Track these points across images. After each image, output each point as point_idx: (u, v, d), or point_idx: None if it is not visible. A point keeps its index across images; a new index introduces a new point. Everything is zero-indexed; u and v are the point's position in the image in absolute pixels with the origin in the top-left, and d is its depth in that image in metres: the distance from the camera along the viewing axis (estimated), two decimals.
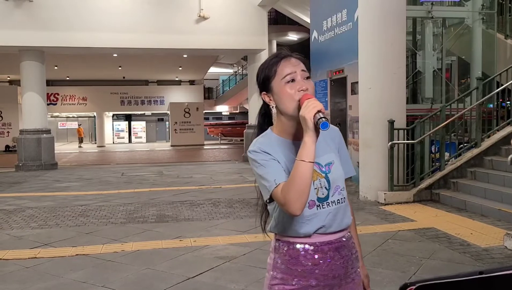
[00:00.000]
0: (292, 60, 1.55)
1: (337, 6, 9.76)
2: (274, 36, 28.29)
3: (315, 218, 1.53)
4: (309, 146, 1.41)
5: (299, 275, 1.55)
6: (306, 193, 1.41)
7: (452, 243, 4.85)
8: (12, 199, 8.30)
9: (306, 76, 1.53)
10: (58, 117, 34.92)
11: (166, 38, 14.17)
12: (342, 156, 1.66)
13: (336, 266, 1.56)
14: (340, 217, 1.57)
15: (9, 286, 3.85)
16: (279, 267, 1.58)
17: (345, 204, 1.60)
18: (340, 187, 1.58)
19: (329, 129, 1.60)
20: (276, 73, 1.54)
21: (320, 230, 1.54)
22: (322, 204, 1.54)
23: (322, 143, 1.57)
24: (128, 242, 5.17)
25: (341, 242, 1.58)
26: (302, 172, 1.40)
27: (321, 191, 1.54)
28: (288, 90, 1.51)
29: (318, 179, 1.54)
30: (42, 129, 14.10)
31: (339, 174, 1.59)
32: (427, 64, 8.93)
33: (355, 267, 1.63)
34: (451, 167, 7.27)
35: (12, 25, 13.06)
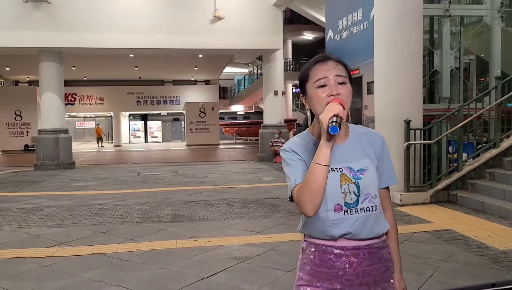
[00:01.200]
0: (329, 63, 1.53)
1: (353, 5, 9.69)
2: (290, 36, 28.28)
3: (342, 223, 1.51)
4: (323, 149, 1.41)
5: (324, 277, 1.53)
6: (318, 195, 1.40)
7: (470, 246, 4.78)
8: (30, 198, 8.43)
9: (340, 81, 1.51)
10: (76, 117, 35.40)
11: (182, 38, 14.24)
12: (384, 163, 1.61)
13: (363, 272, 1.53)
14: (370, 225, 1.54)
15: (26, 284, 3.91)
16: (305, 268, 1.58)
17: (376, 213, 1.55)
18: (372, 194, 1.54)
19: (370, 134, 1.61)
20: (310, 76, 1.54)
21: (347, 236, 1.52)
22: (350, 209, 1.52)
23: (357, 148, 1.57)
24: (143, 241, 5.20)
25: (371, 249, 1.54)
26: (314, 175, 1.40)
27: (349, 196, 1.51)
28: (319, 94, 1.50)
29: (347, 183, 1.52)
30: (60, 129, 14.30)
31: (371, 181, 1.54)
32: (445, 63, 8.82)
33: (387, 277, 1.58)
34: (469, 167, 7.15)
35: (31, 27, 13.27)
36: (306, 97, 1.56)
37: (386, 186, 1.64)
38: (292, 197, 1.48)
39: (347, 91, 1.51)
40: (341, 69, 1.54)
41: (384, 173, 1.62)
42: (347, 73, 1.55)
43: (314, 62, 1.55)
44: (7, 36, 13.27)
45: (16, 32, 13.24)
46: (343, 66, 1.55)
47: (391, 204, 1.70)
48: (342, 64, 1.56)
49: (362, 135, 1.61)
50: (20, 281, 3.99)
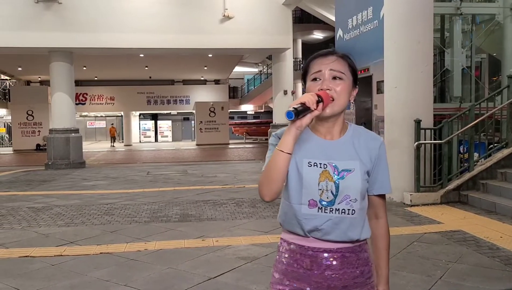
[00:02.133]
0: (328, 57, 1.51)
1: (363, 4, 9.60)
2: (299, 35, 28.19)
3: (313, 219, 1.48)
4: (286, 135, 1.41)
5: (293, 277, 1.52)
6: (275, 181, 1.42)
7: (481, 247, 4.71)
8: (41, 197, 8.49)
9: (335, 76, 1.49)
10: (87, 116, 35.67)
11: (191, 38, 14.26)
12: (379, 170, 1.56)
13: (331, 276, 1.49)
14: (344, 228, 1.49)
15: (35, 283, 3.93)
16: (277, 266, 1.58)
17: (353, 217, 1.49)
18: (351, 197, 1.48)
19: (369, 138, 1.57)
20: (308, 70, 1.54)
21: (316, 234, 1.49)
22: (324, 208, 1.48)
23: (349, 148, 1.53)
24: (151, 241, 5.21)
25: (343, 253, 1.50)
26: (273, 160, 1.42)
27: (326, 194, 1.47)
28: (311, 88, 1.50)
29: (326, 181, 1.48)
30: (70, 129, 14.41)
31: (353, 184, 1.49)
32: (456, 62, 8.71)
33: (360, 283, 1.53)
34: (481, 168, 7.06)
35: (42, 27, 13.38)
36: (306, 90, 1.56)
37: (379, 194, 1.59)
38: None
39: (342, 87, 1.49)
40: (340, 64, 1.51)
41: (378, 179, 1.56)
42: (348, 69, 1.51)
43: (316, 56, 1.54)
44: (19, 37, 13.40)
45: (27, 33, 13.37)
46: (345, 62, 1.52)
47: (385, 212, 1.64)
48: (345, 59, 1.52)
49: (360, 136, 1.56)
50: (29, 280, 4.02)
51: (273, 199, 1.44)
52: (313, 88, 1.48)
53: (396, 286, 3.67)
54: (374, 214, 1.61)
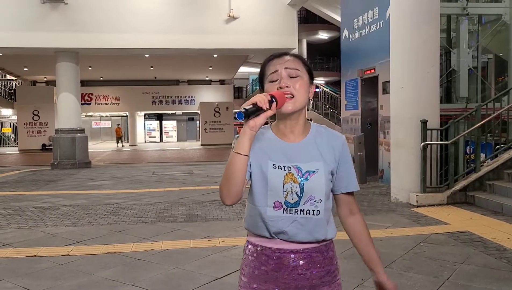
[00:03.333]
0: (283, 57, 1.52)
1: (369, 4, 9.60)
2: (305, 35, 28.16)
3: (279, 221, 1.48)
4: (241, 137, 1.41)
5: (260, 279, 1.52)
6: (232, 183, 1.41)
7: (488, 248, 4.69)
8: (47, 197, 8.53)
9: (292, 74, 1.49)
10: (92, 116, 35.78)
11: (197, 38, 14.29)
12: (344, 168, 1.56)
13: (299, 276, 1.50)
14: (309, 229, 1.49)
15: (42, 282, 3.95)
16: (244, 269, 1.57)
17: (318, 218, 1.50)
18: (315, 198, 1.49)
19: (331, 136, 1.58)
20: (264, 72, 1.54)
21: (283, 236, 1.49)
22: (289, 209, 1.48)
23: (312, 149, 1.53)
24: (158, 241, 5.22)
25: (309, 253, 1.51)
26: (231, 163, 1.41)
27: (291, 195, 1.48)
28: (270, 88, 1.50)
29: (291, 182, 1.48)
30: (76, 129, 14.47)
31: (317, 185, 1.49)
32: (462, 62, 8.69)
33: (327, 281, 1.54)
34: (487, 168, 7.03)
35: (48, 28, 13.45)
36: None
37: (347, 192, 1.59)
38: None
39: (300, 84, 1.49)
40: (295, 62, 1.52)
41: (344, 178, 1.57)
42: (303, 67, 1.52)
43: (270, 58, 1.55)
44: (25, 37, 13.47)
45: (33, 33, 13.44)
46: (300, 61, 1.53)
47: (358, 207, 1.64)
48: (299, 58, 1.54)
49: (322, 136, 1.56)
50: (37, 279, 4.04)
51: (234, 202, 1.43)
52: (271, 88, 1.49)
53: (403, 287, 3.67)
54: (349, 211, 1.61)
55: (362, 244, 1.61)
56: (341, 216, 1.63)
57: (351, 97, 10.82)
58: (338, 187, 1.58)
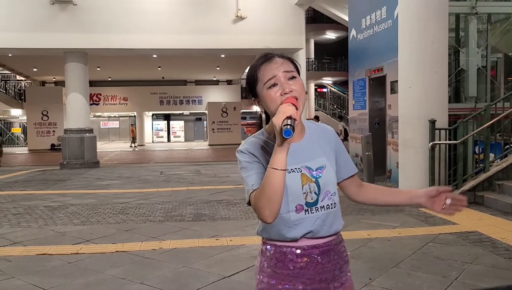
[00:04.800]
0: (274, 61, 1.49)
1: (376, 4, 9.57)
2: (312, 35, 28.18)
3: (303, 223, 1.49)
4: (279, 153, 1.36)
5: (285, 279, 1.52)
6: (276, 201, 1.37)
7: (497, 248, 4.66)
8: (56, 196, 8.60)
9: (290, 76, 1.47)
10: (101, 116, 35.98)
11: (204, 38, 14.32)
12: (342, 156, 1.63)
13: (323, 270, 1.53)
14: (329, 223, 1.53)
15: (52, 280, 3.99)
16: (265, 271, 1.55)
17: (335, 210, 1.55)
18: (331, 192, 1.53)
19: (323, 131, 1.61)
20: (258, 78, 1.50)
21: (308, 235, 1.51)
22: (310, 209, 1.50)
23: (314, 146, 1.55)
24: (166, 240, 5.25)
25: (330, 246, 1.55)
26: (270, 180, 1.36)
27: (310, 195, 1.50)
28: (271, 94, 1.46)
29: (308, 183, 1.49)
30: (85, 129, 14.56)
31: (330, 179, 1.53)
32: (471, 62, 8.63)
33: (345, 271, 1.59)
34: (496, 168, 6.99)
35: (57, 28, 13.55)
36: (259, 100, 1.52)
37: (350, 176, 1.65)
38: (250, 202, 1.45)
39: (299, 85, 1.47)
40: (288, 64, 1.50)
41: (344, 165, 1.63)
42: (295, 67, 1.51)
43: (260, 63, 1.51)
44: (34, 38, 13.59)
45: (43, 34, 13.55)
46: (290, 61, 1.52)
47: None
48: (288, 59, 1.53)
49: (317, 132, 1.60)
50: (47, 277, 4.07)
51: (275, 218, 1.40)
52: (273, 94, 1.45)
53: (411, 287, 3.66)
54: (358, 186, 1.68)
55: (385, 193, 1.66)
56: (353, 194, 1.69)
57: (358, 97, 10.80)
58: (341, 174, 1.64)
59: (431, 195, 1.56)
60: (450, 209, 1.56)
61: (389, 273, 3.92)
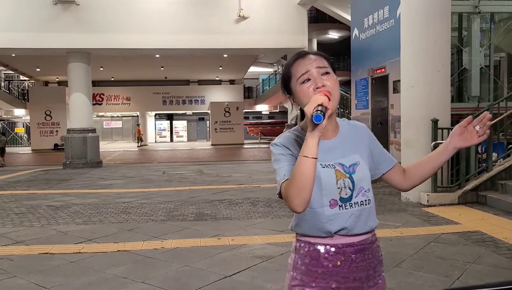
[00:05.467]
0: (308, 57, 1.51)
1: (379, 3, 9.56)
2: (315, 35, 28.08)
3: (337, 218, 1.49)
4: (309, 140, 1.36)
5: (319, 276, 1.51)
6: (306, 189, 1.36)
7: (499, 248, 4.64)
8: (59, 196, 8.63)
9: (323, 72, 1.48)
10: (103, 116, 36.06)
11: (207, 38, 14.34)
12: (378, 150, 1.62)
13: (357, 268, 1.52)
14: (364, 220, 1.53)
15: (54, 279, 4.00)
16: (299, 268, 1.55)
17: (370, 206, 1.55)
18: (365, 188, 1.53)
19: (356, 127, 1.62)
20: (292, 74, 1.52)
21: (342, 232, 1.50)
22: (344, 204, 1.50)
23: (348, 143, 1.56)
24: (168, 239, 5.25)
25: (364, 245, 1.54)
26: (302, 168, 1.35)
27: (344, 191, 1.50)
28: (304, 89, 1.48)
29: (342, 179, 1.50)
30: (87, 129, 14.60)
31: (364, 175, 1.53)
32: (474, 61, 8.60)
33: (379, 271, 1.59)
34: (499, 168, 6.96)
35: (60, 28, 13.59)
36: (293, 96, 1.53)
37: (391, 168, 1.64)
38: (281, 194, 1.44)
39: (332, 81, 1.48)
40: (322, 61, 1.51)
41: (381, 159, 1.62)
42: (329, 64, 1.52)
43: (294, 60, 1.53)
44: (38, 38, 13.64)
45: (46, 34, 13.59)
46: (324, 58, 1.53)
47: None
48: (323, 56, 1.53)
49: (350, 130, 1.60)
50: (49, 276, 4.08)
51: (305, 208, 1.39)
52: (306, 89, 1.47)
53: (413, 286, 3.65)
54: (401, 173, 1.65)
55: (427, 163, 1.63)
56: (399, 183, 1.66)
57: (361, 96, 10.78)
58: (380, 169, 1.63)
59: (460, 133, 1.55)
60: (483, 131, 1.53)
61: (390, 272, 3.91)
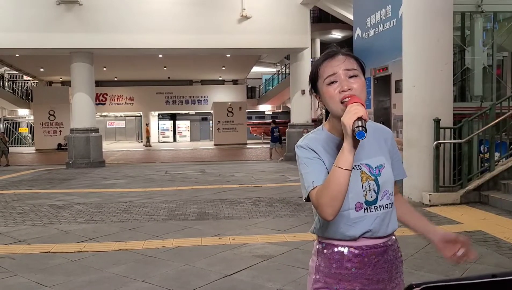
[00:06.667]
0: (337, 58, 1.48)
1: (381, 3, 9.54)
2: (318, 35, 28.08)
3: (362, 221, 1.49)
4: (347, 153, 1.36)
5: (343, 279, 1.51)
6: (340, 199, 1.37)
7: (501, 248, 4.63)
8: (61, 195, 8.65)
9: (350, 74, 1.46)
10: (107, 116, 36.14)
11: (210, 38, 14.35)
12: (395, 158, 1.61)
13: (380, 270, 1.52)
14: (387, 223, 1.53)
15: (55, 278, 4.01)
16: (322, 271, 1.54)
17: (392, 209, 1.55)
18: (389, 191, 1.53)
19: (382, 130, 1.60)
20: (319, 74, 1.50)
21: (367, 234, 1.50)
22: (370, 207, 1.50)
23: (374, 145, 1.55)
24: (169, 238, 5.26)
25: (387, 246, 1.54)
26: (337, 179, 1.36)
27: (370, 194, 1.49)
28: (330, 91, 1.46)
29: (368, 181, 1.49)
30: (90, 128, 14.64)
31: (388, 178, 1.53)
32: (477, 61, 8.57)
33: (400, 271, 1.59)
34: (502, 167, 6.94)
35: (63, 29, 13.63)
36: (319, 96, 1.52)
37: (399, 179, 1.64)
38: (308, 198, 1.44)
39: (359, 84, 1.46)
40: (351, 62, 1.48)
41: (395, 167, 1.60)
42: (358, 66, 1.50)
43: (323, 59, 1.51)
44: (41, 38, 13.68)
45: (49, 34, 13.63)
46: (354, 59, 1.50)
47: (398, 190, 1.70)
48: (353, 57, 1.51)
49: (375, 131, 1.58)
50: (50, 275, 4.10)
51: (336, 216, 1.40)
52: (332, 91, 1.45)
53: None
54: (395, 192, 1.64)
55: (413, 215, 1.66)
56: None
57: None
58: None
59: (447, 239, 1.58)
60: (459, 258, 1.57)
61: None
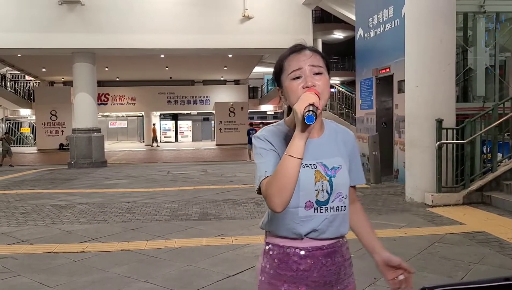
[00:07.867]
0: (303, 53, 1.45)
1: (384, 3, 9.54)
2: (320, 35, 28.04)
3: (310, 221, 1.46)
4: (297, 140, 1.33)
5: (289, 280, 1.47)
6: (288, 189, 1.32)
7: (504, 248, 4.62)
8: (64, 195, 8.66)
9: (316, 71, 1.43)
10: (109, 116, 36.18)
11: (212, 38, 14.35)
12: (354, 162, 1.57)
13: (327, 272, 1.49)
14: (337, 225, 1.49)
15: (58, 278, 4.01)
16: (268, 272, 1.51)
17: (344, 213, 1.51)
18: (343, 194, 1.49)
19: (344, 133, 1.57)
20: (284, 68, 1.47)
21: (313, 234, 1.47)
22: (320, 207, 1.46)
23: (331, 145, 1.52)
24: (171, 239, 5.26)
25: (334, 248, 1.51)
26: (286, 167, 1.32)
27: (322, 194, 1.46)
28: (294, 86, 1.43)
29: (321, 181, 1.46)
30: (92, 128, 14.65)
31: (343, 181, 1.50)
32: (479, 61, 8.56)
33: (348, 273, 1.56)
34: (504, 168, 6.92)
35: (65, 29, 13.64)
36: (282, 90, 1.49)
37: (354, 185, 1.60)
38: (260, 190, 1.40)
39: (323, 82, 1.43)
40: (317, 59, 1.46)
41: (353, 171, 1.57)
42: (324, 63, 1.47)
43: (289, 53, 1.48)
44: (43, 38, 13.70)
45: (51, 34, 13.65)
46: (320, 56, 1.47)
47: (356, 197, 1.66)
48: (319, 54, 1.48)
49: (337, 132, 1.56)
50: (52, 275, 4.10)
51: (285, 208, 1.36)
52: (295, 86, 1.42)
53: (417, 287, 3.62)
54: (351, 200, 1.60)
55: (365, 228, 1.62)
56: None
57: (366, 96, 10.76)
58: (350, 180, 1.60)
59: (390, 263, 1.54)
60: (397, 283, 1.54)
61: None
